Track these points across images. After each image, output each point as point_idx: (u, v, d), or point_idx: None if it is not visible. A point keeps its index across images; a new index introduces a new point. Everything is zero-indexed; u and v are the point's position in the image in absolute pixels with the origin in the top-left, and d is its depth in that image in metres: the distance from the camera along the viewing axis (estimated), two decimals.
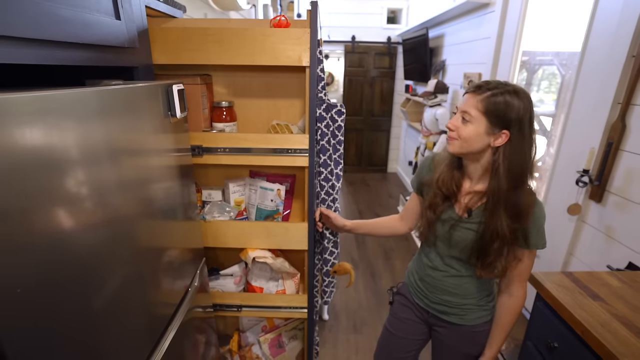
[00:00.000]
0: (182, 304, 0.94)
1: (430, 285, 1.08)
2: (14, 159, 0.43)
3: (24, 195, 0.44)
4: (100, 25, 0.71)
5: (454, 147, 0.91)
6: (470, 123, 0.86)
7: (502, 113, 0.82)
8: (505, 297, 1.00)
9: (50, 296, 0.48)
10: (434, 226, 1.00)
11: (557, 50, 1.96)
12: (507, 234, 0.87)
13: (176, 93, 0.82)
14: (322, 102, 1.14)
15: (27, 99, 0.45)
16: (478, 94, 0.85)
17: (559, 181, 1.65)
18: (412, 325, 1.17)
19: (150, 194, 0.78)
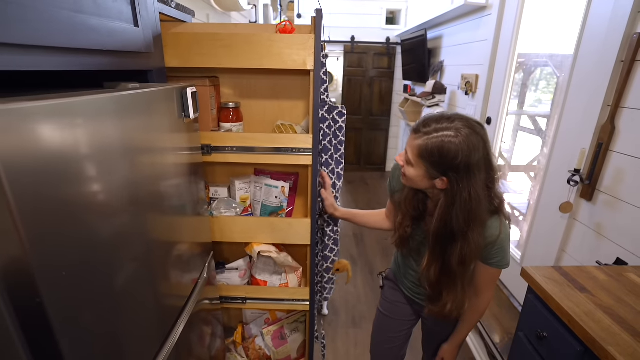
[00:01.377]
0: (192, 295, 0.99)
1: (412, 282, 1.16)
2: (52, 158, 0.48)
3: (59, 192, 0.49)
4: (122, 33, 0.76)
5: (405, 182, 0.92)
6: (411, 165, 0.83)
7: (436, 159, 0.76)
8: (472, 299, 1.07)
9: (81, 281, 0.54)
10: (407, 242, 1.05)
11: (552, 52, 2.02)
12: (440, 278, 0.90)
13: (190, 95, 0.87)
14: (324, 103, 1.19)
15: (69, 104, 0.50)
16: (416, 136, 0.80)
17: (552, 180, 1.71)
18: (401, 307, 1.26)
19: (166, 190, 0.83)
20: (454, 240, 0.83)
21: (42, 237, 0.45)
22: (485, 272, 1.00)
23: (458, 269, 0.86)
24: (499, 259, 0.96)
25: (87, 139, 0.55)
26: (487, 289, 1.04)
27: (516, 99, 2.75)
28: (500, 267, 0.98)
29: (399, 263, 1.22)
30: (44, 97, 0.47)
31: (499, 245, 0.93)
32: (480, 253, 0.89)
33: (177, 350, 0.86)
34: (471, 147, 0.74)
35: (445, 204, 0.80)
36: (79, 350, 0.52)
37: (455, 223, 0.80)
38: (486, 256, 0.96)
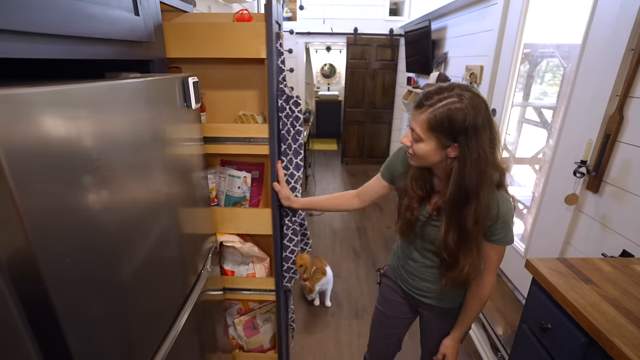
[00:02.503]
0: (196, 285, 1.00)
1: (410, 273, 1.15)
2: (53, 146, 0.47)
3: (61, 180, 0.49)
4: (122, 21, 0.75)
5: (414, 162, 0.92)
6: (421, 142, 0.84)
7: (446, 127, 0.78)
8: (474, 285, 1.06)
9: (89, 267, 0.54)
10: (413, 226, 1.03)
11: (559, 42, 1.99)
12: (458, 244, 0.90)
13: (192, 85, 0.86)
14: (282, 93, 1.17)
15: (75, 90, 0.49)
16: (421, 111, 0.81)
17: (558, 172, 1.69)
18: (398, 305, 1.26)
19: (169, 180, 0.82)
20: (468, 202, 0.85)
21: (44, 224, 0.44)
22: (488, 251, 0.99)
23: (473, 230, 0.88)
24: (503, 234, 0.95)
25: (90, 128, 0.54)
26: (490, 272, 1.03)
27: (521, 91, 2.72)
28: (505, 242, 0.97)
29: (398, 255, 1.21)
30: (44, 84, 0.46)
31: (502, 219, 0.92)
32: (490, 213, 0.88)
33: (180, 339, 0.87)
34: (476, 109, 0.77)
35: (458, 168, 0.82)
36: (83, 336, 0.52)
37: (468, 183, 0.82)
38: (490, 233, 0.95)
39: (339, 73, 7.42)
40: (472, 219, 0.87)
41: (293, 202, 1.24)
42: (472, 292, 1.08)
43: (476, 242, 0.93)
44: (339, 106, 6.89)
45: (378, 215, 3.74)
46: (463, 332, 1.14)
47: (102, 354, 0.58)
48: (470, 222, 0.87)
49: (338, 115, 6.91)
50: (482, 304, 1.08)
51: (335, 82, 7.52)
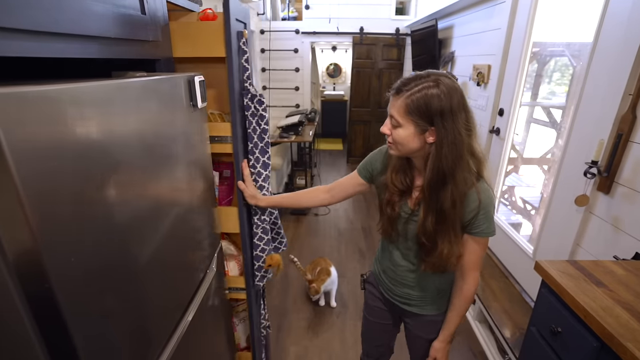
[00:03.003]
0: (202, 284, 0.99)
1: (392, 279, 1.13)
2: (59, 144, 0.47)
3: (68, 179, 0.49)
4: (129, 20, 0.75)
5: (394, 152, 0.92)
6: (399, 127, 0.85)
7: (424, 110, 0.80)
8: (459, 282, 1.05)
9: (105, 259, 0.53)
10: (395, 222, 1.02)
11: (569, 40, 1.96)
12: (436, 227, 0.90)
13: (198, 84, 0.85)
14: (247, 91, 1.16)
15: (90, 88, 0.49)
16: (397, 97, 0.83)
17: (567, 173, 1.66)
18: (380, 312, 1.24)
19: (175, 178, 0.82)
20: (445, 185, 0.86)
21: (50, 223, 0.44)
22: (472, 245, 0.97)
23: (450, 213, 0.88)
24: (486, 226, 0.93)
25: (97, 126, 0.54)
26: (473, 267, 1.00)
27: (529, 91, 2.68)
28: (487, 234, 0.95)
29: (379, 260, 1.20)
30: (49, 83, 0.46)
31: (484, 210, 0.91)
32: (466, 194, 0.88)
33: (187, 336, 0.87)
34: (451, 92, 0.80)
35: (435, 151, 0.84)
36: (90, 334, 0.52)
37: (445, 165, 0.83)
38: (472, 226, 0.94)
39: (345, 72, 7.40)
40: (449, 201, 0.87)
41: (259, 201, 1.22)
42: (457, 290, 1.06)
43: (453, 226, 0.91)
44: (344, 106, 6.88)
45: None
46: (451, 332, 1.11)
47: (109, 352, 0.58)
48: (447, 205, 0.88)
49: (344, 115, 6.90)
50: (467, 302, 1.05)
51: (340, 81, 7.51)
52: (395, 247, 1.09)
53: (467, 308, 1.07)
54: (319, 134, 7.14)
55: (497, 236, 2.42)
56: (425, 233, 0.93)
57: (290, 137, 3.65)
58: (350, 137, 5.41)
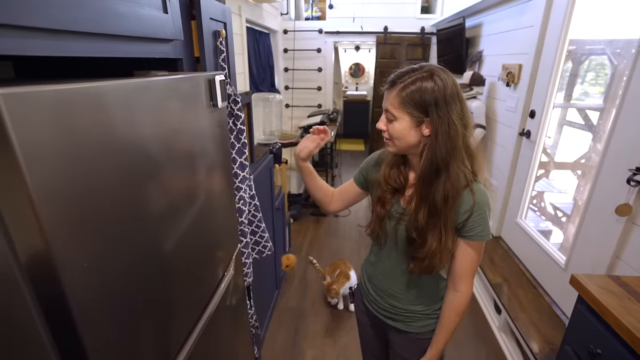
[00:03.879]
0: (219, 287, 0.98)
1: (378, 289, 1.06)
2: (74, 145, 0.46)
3: (85, 181, 0.48)
4: (151, 19, 0.74)
5: (392, 148, 0.89)
6: (395, 121, 0.84)
7: (418, 102, 0.80)
8: (450, 293, 0.96)
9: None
10: (384, 222, 0.97)
11: (611, 37, 1.83)
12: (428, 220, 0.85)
13: (218, 83, 0.84)
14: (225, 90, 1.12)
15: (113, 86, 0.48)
16: (392, 90, 0.83)
17: (607, 180, 1.55)
18: (368, 328, 1.18)
19: (194, 180, 0.81)
20: (438, 176, 0.83)
21: (62, 227, 0.43)
22: (465, 251, 0.90)
23: (442, 207, 0.84)
24: (481, 229, 0.87)
25: (114, 126, 0.53)
26: (466, 276, 0.93)
27: (562, 91, 2.54)
28: (483, 237, 0.88)
29: (366, 268, 1.13)
30: (62, 82, 0.45)
31: (479, 211, 0.85)
32: (459, 191, 0.84)
33: (202, 344, 0.86)
34: (445, 82, 0.80)
35: (430, 142, 0.82)
36: (102, 339, 0.51)
37: (439, 155, 0.81)
38: (466, 228, 0.87)
39: (368, 72, 7.32)
40: (441, 194, 0.83)
41: (303, 163, 1.06)
42: (447, 301, 0.97)
43: (444, 222, 0.86)
44: (367, 106, 6.80)
45: None
46: (439, 350, 1.00)
47: (123, 355, 0.57)
48: (439, 198, 0.84)
49: (366, 115, 6.83)
50: (458, 316, 0.96)
51: (363, 81, 7.44)
52: (384, 251, 1.02)
53: (457, 323, 0.97)
54: (341, 134, 7.09)
55: (525, 243, 2.30)
56: (417, 227, 0.88)
57: None
58: (372, 137, 5.34)
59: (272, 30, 4.25)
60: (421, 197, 0.87)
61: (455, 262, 0.93)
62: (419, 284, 0.99)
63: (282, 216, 2.39)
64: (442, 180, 0.83)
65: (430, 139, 0.82)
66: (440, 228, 0.86)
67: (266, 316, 2.05)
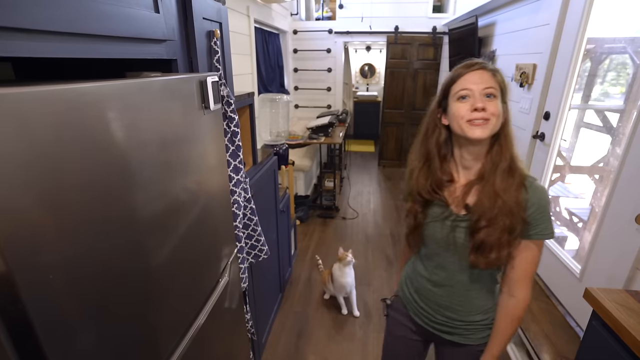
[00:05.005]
0: (213, 293, 0.96)
1: (430, 301, 0.98)
2: (44, 148, 0.44)
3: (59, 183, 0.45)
4: (140, 19, 0.72)
5: (487, 129, 0.80)
6: (495, 98, 0.81)
7: (502, 85, 0.82)
8: (505, 297, 0.90)
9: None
10: (418, 232, 0.93)
11: (633, 35, 1.73)
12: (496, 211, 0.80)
13: (210, 85, 0.81)
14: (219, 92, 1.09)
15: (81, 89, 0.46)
16: (488, 69, 0.82)
17: (627, 185, 1.46)
18: (408, 342, 1.09)
19: (180, 186, 0.78)
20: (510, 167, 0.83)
21: (22, 236, 0.40)
22: (525, 252, 0.84)
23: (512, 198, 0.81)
24: (544, 226, 0.82)
25: (91, 129, 0.50)
26: (524, 280, 0.86)
27: (580, 92, 2.44)
28: (546, 236, 0.83)
29: (412, 281, 1.04)
30: (48, 83, 0.43)
31: (541, 206, 0.81)
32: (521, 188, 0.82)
33: (195, 350, 0.83)
34: None
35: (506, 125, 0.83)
36: (70, 350, 0.48)
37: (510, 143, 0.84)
38: (528, 226, 0.81)
39: (379, 73, 7.25)
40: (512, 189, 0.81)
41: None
42: (502, 307, 0.91)
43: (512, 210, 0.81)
44: (377, 107, 6.73)
45: None
46: (495, 357, 0.94)
47: None
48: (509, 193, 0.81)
49: (376, 116, 6.75)
50: (515, 323, 0.89)
51: (374, 82, 7.36)
52: (435, 262, 0.95)
53: (514, 330, 0.90)
54: (351, 136, 7.04)
55: None
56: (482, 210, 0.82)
57: (320, 139, 3.60)
58: (382, 139, 5.27)
59: (282, 31, 4.24)
60: (495, 180, 0.82)
61: (513, 264, 0.86)
62: (476, 292, 0.93)
63: (287, 218, 2.36)
64: (513, 163, 0.83)
65: (505, 123, 0.83)
66: (512, 212, 0.81)
67: (269, 320, 2.02)
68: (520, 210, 0.80)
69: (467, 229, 0.85)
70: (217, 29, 1.02)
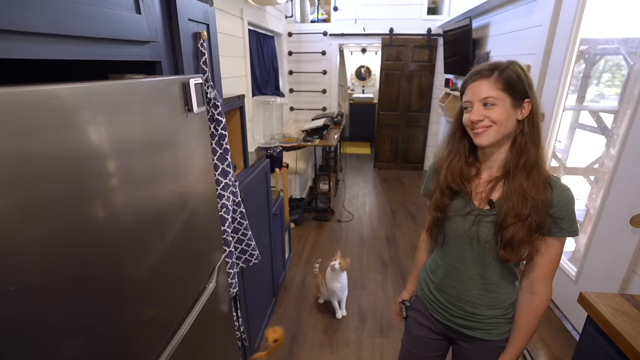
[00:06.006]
0: (199, 300, 0.93)
1: (451, 297, 0.98)
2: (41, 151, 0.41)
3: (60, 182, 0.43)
4: (120, 20, 0.70)
5: (490, 136, 0.84)
6: (495, 106, 0.83)
7: (518, 84, 0.82)
8: (526, 295, 0.89)
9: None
10: (442, 225, 0.96)
11: (625, 36, 1.73)
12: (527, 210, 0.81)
13: (193, 87, 0.79)
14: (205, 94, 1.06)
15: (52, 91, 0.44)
16: (489, 77, 0.84)
17: (621, 187, 1.45)
18: (428, 343, 1.09)
19: (162, 187, 0.76)
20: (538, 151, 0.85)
21: None
22: (548, 249, 0.85)
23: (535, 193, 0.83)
24: (569, 224, 0.82)
25: (62, 132, 0.48)
26: (546, 277, 0.86)
27: (574, 93, 2.44)
28: (571, 233, 0.83)
29: (432, 278, 1.05)
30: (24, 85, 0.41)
31: (566, 204, 0.82)
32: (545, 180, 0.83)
33: (180, 356, 0.80)
34: (525, 70, 0.84)
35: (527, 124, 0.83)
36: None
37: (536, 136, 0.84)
38: (552, 223, 0.82)
39: (374, 75, 7.25)
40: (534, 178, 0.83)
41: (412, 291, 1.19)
42: (523, 304, 0.90)
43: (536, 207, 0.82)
44: (373, 109, 6.73)
45: (409, 223, 3.55)
46: (516, 355, 0.93)
47: None
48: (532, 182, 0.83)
49: (372, 119, 6.75)
50: (536, 320, 0.89)
51: (370, 84, 7.37)
52: (456, 257, 0.96)
53: (535, 328, 0.90)
54: (347, 138, 7.03)
55: None
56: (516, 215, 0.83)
57: (314, 141, 3.58)
58: (378, 141, 5.26)
59: (277, 33, 4.22)
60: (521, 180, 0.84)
61: (535, 262, 0.87)
62: (497, 286, 0.93)
63: (280, 222, 2.34)
64: (538, 162, 0.84)
65: (527, 120, 0.84)
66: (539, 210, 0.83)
67: (262, 325, 1.99)
68: (547, 207, 0.82)
69: (493, 224, 0.87)
70: (203, 31, 1.00)
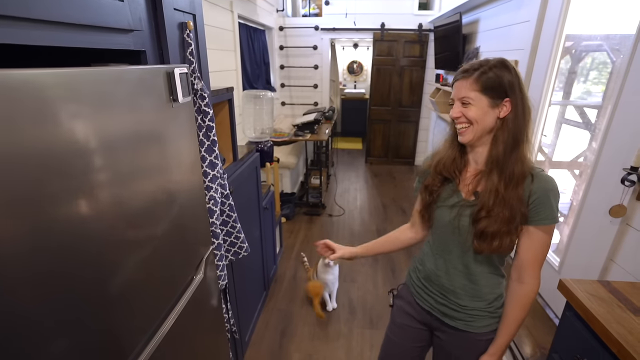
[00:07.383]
0: (184, 294, 0.94)
1: (437, 285, 1.01)
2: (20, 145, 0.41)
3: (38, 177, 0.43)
4: (101, 7, 0.69)
5: (467, 135, 0.88)
6: (471, 105, 0.86)
7: (497, 84, 0.84)
8: (514, 284, 0.91)
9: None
10: (431, 208, 0.99)
11: (607, 32, 1.76)
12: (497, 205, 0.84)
13: (178, 76, 0.79)
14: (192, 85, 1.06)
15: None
16: (468, 77, 0.86)
17: (602, 179, 1.49)
18: (410, 331, 1.11)
19: (146, 182, 0.76)
20: (512, 154, 0.86)
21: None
22: (532, 237, 0.87)
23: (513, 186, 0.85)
24: (547, 213, 0.84)
25: (38, 123, 0.48)
26: (532, 265, 0.88)
27: (561, 90, 2.48)
28: (552, 220, 0.85)
29: (418, 267, 1.08)
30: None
31: (543, 194, 0.84)
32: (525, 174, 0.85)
33: (165, 348, 0.81)
34: (517, 71, 0.86)
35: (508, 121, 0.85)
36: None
37: (515, 134, 0.85)
38: (534, 212, 0.84)
39: (366, 70, 7.26)
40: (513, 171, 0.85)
41: (357, 254, 1.17)
42: (512, 294, 0.91)
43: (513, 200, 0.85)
44: (365, 104, 6.74)
45: (400, 218, 3.58)
46: (503, 345, 0.94)
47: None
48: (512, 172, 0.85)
49: (364, 114, 6.77)
50: (524, 310, 0.90)
51: (362, 79, 7.37)
52: (442, 247, 0.99)
53: (523, 318, 0.91)
54: (339, 133, 7.04)
55: None
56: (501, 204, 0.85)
57: (306, 136, 3.58)
58: (369, 136, 5.28)
59: (268, 27, 4.19)
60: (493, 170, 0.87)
61: (520, 251, 0.89)
62: (479, 277, 0.94)
63: (271, 216, 2.34)
64: (514, 159, 0.85)
65: (507, 119, 0.85)
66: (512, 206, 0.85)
67: (252, 318, 2.00)
68: (521, 205, 0.84)
69: (470, 217, 0.89)
70: (190, 21, 0.99)
